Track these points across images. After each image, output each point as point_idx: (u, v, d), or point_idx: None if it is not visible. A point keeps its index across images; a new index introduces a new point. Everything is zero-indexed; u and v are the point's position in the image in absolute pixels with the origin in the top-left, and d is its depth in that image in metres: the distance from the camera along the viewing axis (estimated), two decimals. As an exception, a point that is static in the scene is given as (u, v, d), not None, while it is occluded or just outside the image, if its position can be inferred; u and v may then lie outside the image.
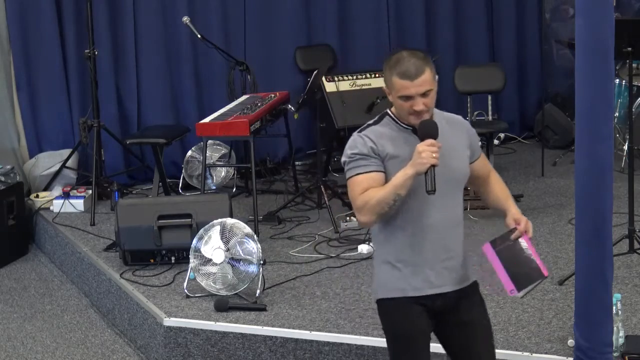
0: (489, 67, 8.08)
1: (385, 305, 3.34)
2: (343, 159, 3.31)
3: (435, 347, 4.34)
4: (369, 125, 3.34)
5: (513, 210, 3.42)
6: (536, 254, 3.21)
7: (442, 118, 3.36)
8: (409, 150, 3.17)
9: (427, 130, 3.18)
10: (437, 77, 3.27)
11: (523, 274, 3.17)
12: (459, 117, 3.47)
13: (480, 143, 3.48)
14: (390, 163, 3.22)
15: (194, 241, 5.09)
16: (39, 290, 6.21)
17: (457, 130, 3.37)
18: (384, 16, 8.51)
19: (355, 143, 3.29)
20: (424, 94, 3.19)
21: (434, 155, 3.09)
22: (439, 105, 3.43)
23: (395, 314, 3.32)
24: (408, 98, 3.19)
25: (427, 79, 3.19)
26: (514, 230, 3.40)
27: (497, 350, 4.24)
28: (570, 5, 8.54)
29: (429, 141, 3.13)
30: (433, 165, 3.10)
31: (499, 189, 3.54)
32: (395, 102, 3.26)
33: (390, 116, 3.33)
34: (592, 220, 3.77)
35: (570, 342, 4.15)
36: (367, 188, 3.20)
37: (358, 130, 3.34)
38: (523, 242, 3.23)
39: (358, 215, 3.22)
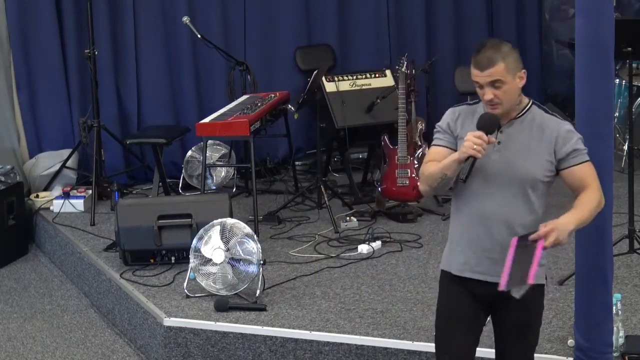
0: (489, 67, 8.06)
1: (440, 276, 3.57)
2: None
3: (434, 347, 4.34)
4: (468, 103, 3.50)
5: (558, 220, 3.28)
6: (538, 262, 3.19)
7: (536, 118, 3.38)
8: None
9: (483, 122, 3.27)
10: (523, 71, 3.34)
11: (518, 274, 3.18)
12: (559, 123, 3.38)
13: (582, 156, 3.37)
14: (459, 143, 3.35)
15: (194, 241, 5.09)
16: (39, 290, 6.21)
17: (543, 134, 3.35)
18: (384, 16, 8.51)
19: (445, 116, 3.47)
20: (494, 85, 3.25)
21: (474, 147, 3.18)
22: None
23: (441, 286, 3.55)
24: (480, 86, 3.30)
25: (496, 71, 3.25)
26: None
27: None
28: (571, 6, 8.53)
29: (478, 133, 3.21)
30: (473, 157, 3.21)
31: (578, 203, 3.41)
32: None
33: None
34: (592, 220, 3.76)
35: (570, 342, 4.15)
36: (432, 160, 3.39)
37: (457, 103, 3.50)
38: (536, 250, 3.21)
39: (419, 182, 3.50)
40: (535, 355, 4.14)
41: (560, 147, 3.33)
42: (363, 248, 5.82)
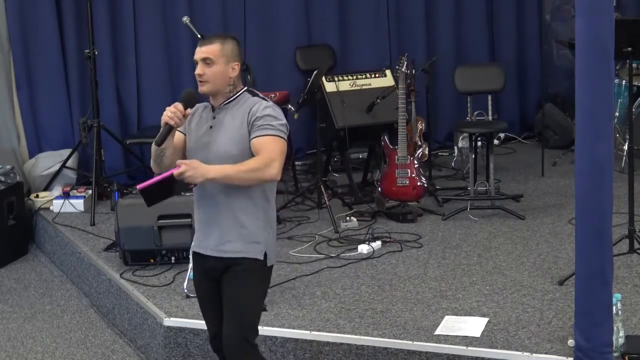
0: (489, 67, 8.08)
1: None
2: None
3: (435, 347, 4.35)
4: (205, 103, 3.83)
5: (200, 163, 3.56)
6: (156, 180, 3.58)
7: (243, 101, 3.70)
8: None
9: (182, 96, 3.71)
10: (236, 64, 3.69)
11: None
12: (260, 102, 3.69)
13: (267, 131, 3.63)
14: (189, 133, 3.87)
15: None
16: (39, 290, 6.21)
17: (243, 113, 3.67)
18: (384, 16, 8.52)
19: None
20: (206, 62, 3.66)
21: (169, 114, 3.61)
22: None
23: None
24: (196, 62, 3.71)
25: (210, 50, 3.67)
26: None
27: (497, 350, 4.26)
28: (572, 6, 8.54)
29: (176, 104, 3.63)
30: (169, 125, 3.62)
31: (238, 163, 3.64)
32: None
33: None
34: (592, 220, 3.77)
35: (570, 342, 4.15)
36: None
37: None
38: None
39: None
40: (536, 355, 4.17)
41: (251, 121, 3.63)
42: (363, 248, 5.82)
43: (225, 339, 3.70)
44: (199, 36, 7.08)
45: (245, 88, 3.76)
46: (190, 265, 5.06)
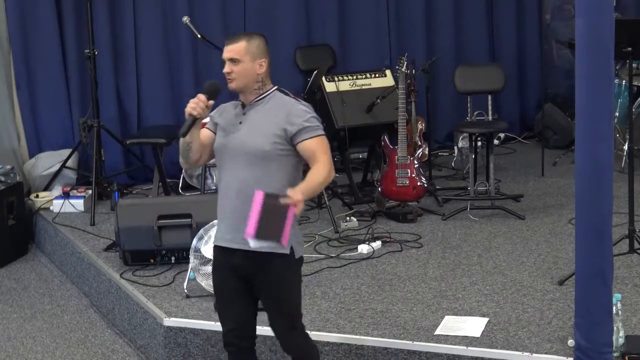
0: (489, 67, 8.08)
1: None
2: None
3: (435, 347, 4.35)
4: (233, 102, 3.88)
5: (299, 186, 3.57)
6: (290, 229, 3.43)
7: (274, 101, 3.77)
8: None
9: (205, 88, 3.74)
10: (263, 60, 3.77)
11: (269, 230, 3.40)
12: (294, 103, 3.76)
13: (313, 132, 3.68)
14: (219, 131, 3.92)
15: (194, 241, 5.09)
16: (39, 290, 6.21)
17: (276, 113, 3.71)
18: (384, 16, 8.51)
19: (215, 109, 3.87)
20: (232, 61, 3.72)
21: (192, 105, 3.65)
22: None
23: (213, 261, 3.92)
24: (223, 62, 3.76)
25: (236, 49, 3.71)
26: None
27: (497, 350, 4.26)
28: (572, 6, 8.54)
29: (199, 95, 3.67)
30: (193, 116, 3.65)
31: (309, 175, 3.68)
32: None
33: None
34: (592, 220, 3.77)
35: (570, 342, 4.15)
36: None
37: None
38: (288, 212, 3.43)
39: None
40: (536, 355, 4.17)
41: (292, 123, 3.66)
42: (363, 248, 5.82)
43: (278, 333, 3.86)
44: (198, 36, 7.09)
45: (276, 87, 3.83)
46: (190, 265, 5.07)
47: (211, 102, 3.69)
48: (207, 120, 3.85)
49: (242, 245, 3.64)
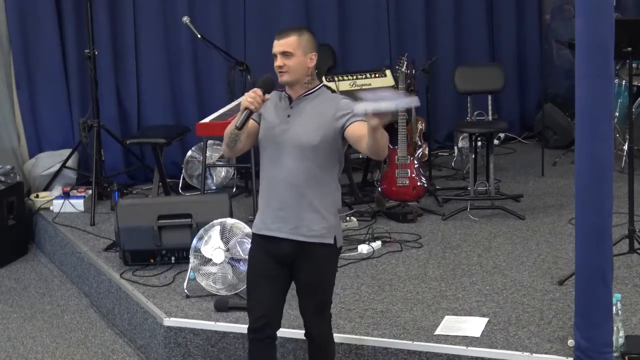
0: (489, 67, 8.08)
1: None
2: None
3: (435, 347, 4.35)
4: (277, 90, 3.97)
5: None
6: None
7: (322, 96, 3.86)
8: None
9: (260, 81, 3.83)
10: (314, 54, 3.89)
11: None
12: (340, 98, 3.88)
13: (357, 118, 3.73)
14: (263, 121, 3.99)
15: (194, 241, 5.09)
16: (39, 290, 6.21)
17: (325, 107, 3.81)
18: (384, 16, 8.51)
19: None
20: (285, 55, 3.81)
21: (249, 99, 3.70)
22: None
23: (250, 247, 4.02)
24: (275, 55, 3.85)
25: (288, 42, 3.81)
26: None
27: (497, 350, 4.26)
28: (572, 6, 8.54)
29: (255, 89, 3.73)
30: (249, 110, 3.72)
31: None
32: None
33: None
34: (592, 220, 3.77)
35: (570, 342, 4.15)
36: None
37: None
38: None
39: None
40: (536, 355, 4.17)
41: (339, 114, 3.77)
42: (363, 248, 5.82)
43: (307, 316, 3.96)
44: (198, 36, 7.11)
45: (323, 84, 3.94)
46: (190, 265, 5.07)
47: (267, 96, 3.76)
48: None
49: (289, 234, 3.80)
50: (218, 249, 5.01)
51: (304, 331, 4.62)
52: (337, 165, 3.85)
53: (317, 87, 3.89)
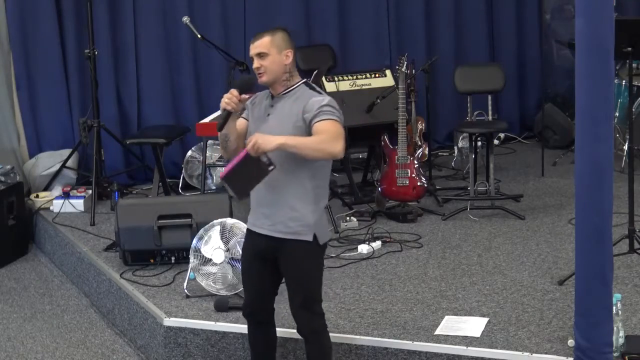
0: (489, 67, 8.08)
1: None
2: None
3: (435, 347, 4.35)
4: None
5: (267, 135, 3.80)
6: (234, 162, 3.73)
7: (300, 93, 3.90)
8: None
9: (237, 82, 3.96)
10: (289, 51, 3.90)
11: (237, 182, 3.78)
12: (315, 95, 3.90)
13: (324, 116, 3.81)
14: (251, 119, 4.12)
15: (194, 241, 5.09)
16: (39, 290, 6.21)
17: (299, 104, 3.86)
18: (384, 16, 8.51)
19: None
20: (260, 56, 3.88)
21: (226, 101, 3.80)
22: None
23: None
24: (252, 58, 3.93)
25: (262, 44, 3.87)
26: None
27: (497, 350, 4.26)
28: (572, 6, 8.54)
29: (232, 91, 3.80)
30: (227, 110, 3.82)
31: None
32: None
33: None
34: (592, 220, 3.77)
35: (570, 342, 4.15)
36: None
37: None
38: (263, 177, 3.78)
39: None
40: (536, 355, 4.17)
41: (308, 111, 3.82)
42: (363, 248, 5.82)
43: (294, 311, 4.05)
44: (198, 36, 7.10)
45: (304, 80, 3.98)
46: (190, 265, 5.07)
47: (244, 96, 3.84)
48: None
49: (267, 231, 3.94)
50: (218, 249, 5.01)
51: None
52: (314, 162, 3.86)
53: (296, 85, 3.94)
